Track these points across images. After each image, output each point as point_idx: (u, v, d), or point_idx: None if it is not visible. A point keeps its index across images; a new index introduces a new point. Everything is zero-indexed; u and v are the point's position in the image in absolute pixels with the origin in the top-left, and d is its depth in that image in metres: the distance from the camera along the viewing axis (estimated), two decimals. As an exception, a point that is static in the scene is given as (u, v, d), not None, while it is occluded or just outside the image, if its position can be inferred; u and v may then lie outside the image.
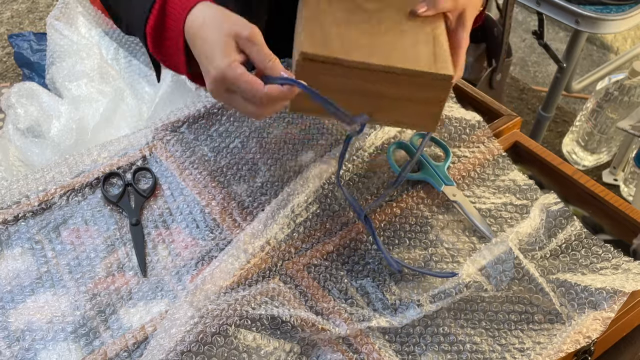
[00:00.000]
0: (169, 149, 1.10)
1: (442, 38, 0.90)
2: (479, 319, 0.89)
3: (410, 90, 0.85)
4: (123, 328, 0.90)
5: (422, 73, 0.83)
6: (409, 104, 0.86)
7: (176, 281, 0.94)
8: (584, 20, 1.74)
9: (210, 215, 1.01)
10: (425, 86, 0.84)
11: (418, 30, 0.89)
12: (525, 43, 3.11)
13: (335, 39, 0.83)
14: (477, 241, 0.99)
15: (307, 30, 0.83)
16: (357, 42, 0.84)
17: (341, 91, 0.83)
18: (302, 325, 0.87)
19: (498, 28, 2.14)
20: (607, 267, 0.93)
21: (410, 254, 0.97)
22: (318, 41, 0.82)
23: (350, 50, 0.82)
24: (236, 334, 0.85)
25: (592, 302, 0.88)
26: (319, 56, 0.80)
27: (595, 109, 2.17)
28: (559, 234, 0.97)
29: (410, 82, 0.84)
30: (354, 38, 0.84)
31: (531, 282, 0.90)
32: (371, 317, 0.88)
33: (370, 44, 0.84)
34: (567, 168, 1.08)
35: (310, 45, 0.80)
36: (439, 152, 1.11)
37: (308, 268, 0.95)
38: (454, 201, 1.03)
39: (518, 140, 1.13)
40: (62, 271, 0.96)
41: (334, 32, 0.84)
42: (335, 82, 0.83)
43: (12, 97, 1.66)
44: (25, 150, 1.58)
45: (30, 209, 1.03)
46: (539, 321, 0.89)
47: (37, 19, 3.21)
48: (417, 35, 0.88)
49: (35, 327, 0.90)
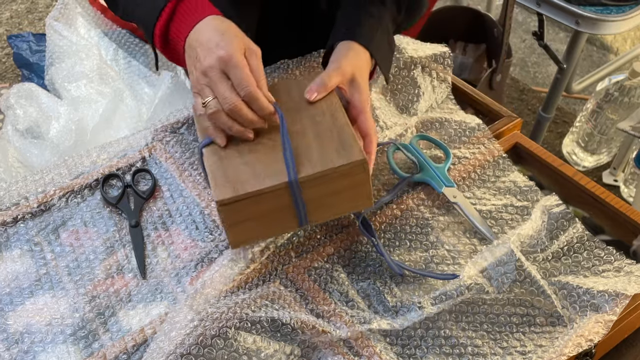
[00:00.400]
0: (168, 150, 1.10)
1: (340, 116, 0.94)
2: (481, 321, 0.89)
3: (332, 186, 0.89)
4: (122, 330, 0.89)
5: (334, 169, 0.88)
6: (338, 195, 0.90)
7: (175, 283, 0.94)
8: (584, 21, 1.74)
9: (210, 216, 1.01)
10: (343, 177, 0.89)
11: (317, 124, 0.93)
12: (525, 44, 3.10)
13: (243, 174, 0.88)
14: (478, 243, 0.99)
15: (214, 180, 0.88)
16: (267, 167, 0.89)
17: (272, 211, 0.89)
18: (302, 328, 0.86)
19: (498, 29, 2.13)
20: (610, 270, 0.93)
21: (411, 256, 0.97)
22: (227, 185, 0.87)
23: (263, 177, 0.87)
24: (236, 337, 0.84)
25: (594, 304, 0.88)
26: (231, 198, 0.85)
27: (595, 110, 2.17)
28: (560, 236, 0.96)
29: (327, 180, 0.88)
30: (261, 165, 0.89)
31: (533, 284, 0.90)
32: (372, 319, 0.88)
33: (278, 163, 0.89)
34: (568, 169, 1.08)
35: (221, 193, 0.86)
36: (439, 153, 1.11)
37: (309, 271, 0.94)
38: (455, 203, 1.02)
39: (518, 142, 1.13)
40: (61, 273, 0.96)
41: (240, 169, 0.89)
42: (262, 207, 0.88)
43: (11, 98, 1.66)
44: (24, 151, 1.57)
45: (29, 210, 1.02)
46: (540, 324, 0.88)
47: (37, 20, 3.21)
48: (318, 130, 0.93)
49: (34, 330, 0.89)
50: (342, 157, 0.88)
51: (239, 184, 0.86)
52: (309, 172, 0.87)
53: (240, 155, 0.91)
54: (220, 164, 0.90)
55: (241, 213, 0.87)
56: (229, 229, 0.89)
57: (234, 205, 0.86)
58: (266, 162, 0.89)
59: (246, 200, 0.86)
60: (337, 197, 0.91)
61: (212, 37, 0.89)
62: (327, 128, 0.92)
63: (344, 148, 0.89)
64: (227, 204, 0.85)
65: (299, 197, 0.88)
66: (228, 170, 0.89)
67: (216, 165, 0.90)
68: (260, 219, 0.89)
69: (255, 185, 0.86)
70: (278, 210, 0.89)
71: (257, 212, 0.88)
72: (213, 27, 0.90)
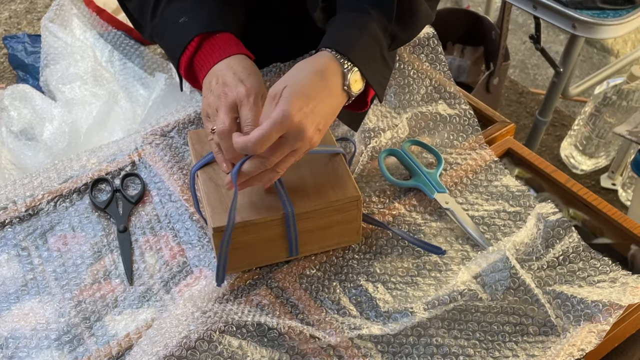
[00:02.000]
0: (158, 154, 1.09)
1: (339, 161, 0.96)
2: (473, 329, 0.88)
3: (325, 220, 0.92)
4: (108, 335, 0.89)
5: (329, 204, 0.91)
6: (329, 230, 0.93)
7: (163, 290, 0.93)
8: (581, 25, 1.73)
9: (199, 222, 1.00)
10: (337, 212, 0.92)
11: (312, 159, 0.96)
12: (525, 45, 3.09)
13: (239, 203, 0.89)
14: (470, 249, 0.98)
15: (211, 207, 0.90)
16: (262, 197, 0.91)
17: (264, 241, 0.91)
18: (289, 333, 0.86)
19: (496, 31, 2.13)
20: (605, 280, 0.92)
21: (403, 263, 0.96)
22: (224, 213, 0.88)
23: (259, 207, 0.89)
24: (220, 340, 0.84)
25: (587, 314, 0.87)
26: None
27: (593, 113, 2.16)
28: (556, 245, 0.95)
29: (321, 214, 0.91)
30: (256, 195, 0.91)
31: (527, 292, 0.89)
32: (363, 325, 0.87)
33: (274, 194, 0.91)
34: (560, 176, 1.07)
35: (217, 220, 0.87)
36: (430, 158, 1.10)
37: (300, 278, 0.94)
38: (447, 209, 1.01)
39: (511, 148, 1.12)
40: (48, 278, 0.95)
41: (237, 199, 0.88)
42: (255, 237, 0.90)
43: (6, 100, 1.65)
44: (18, 153, 1.57)
45: (17, 214, 1.02)
46: (533, 333, 0.87)
47: (35, 20, 3.20)
48: (313, 165, 0.95)
49: (19, 335, 0.89)
50: (338, 193, 0.91)
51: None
52: (305, 206, 0.90)
53: None
54: (217, 191, 0.92)
55: (235, 241, 0.88)
56: None
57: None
58: (261, 192, 0.91)
59: (241, 229, 0.88)
60: (327, 231, 0.93)
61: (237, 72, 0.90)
62: (322, 163, 0.95)
63: (338, 184, 0.92)
64: (223, 231, 0.87)
65: (294, 229, 0.90)
66: (224, 197, 0.90)
67: (213, 193, 0.91)
68: (252, 248, 0.91)
69: (251, 215, 0.88)
70: (270, 240, 0.91)
71: (249, 241, 0.90)
72: (235, 65, 0.92)
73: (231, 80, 0.90)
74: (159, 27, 1.02)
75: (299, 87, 0.84)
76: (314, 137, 0.85)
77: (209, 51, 0.96)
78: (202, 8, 0.99)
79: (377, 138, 1.10)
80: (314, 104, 0.84)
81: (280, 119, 0.81)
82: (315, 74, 0.86)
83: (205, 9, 0.99)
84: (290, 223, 0.89)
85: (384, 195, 1.04)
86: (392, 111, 1.16)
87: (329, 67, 0.87)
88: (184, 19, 0.98)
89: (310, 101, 0.84)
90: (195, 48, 0.96)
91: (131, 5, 1.08)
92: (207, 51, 0.96)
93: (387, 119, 1.15)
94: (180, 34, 0.98)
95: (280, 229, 0.90)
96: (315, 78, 0.86)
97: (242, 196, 0.90)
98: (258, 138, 0.80)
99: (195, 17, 0.98)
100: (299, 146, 0.84)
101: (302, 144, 0.84)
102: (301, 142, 0.83)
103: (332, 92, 0.87)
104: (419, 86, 1.18)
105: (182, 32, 0.97)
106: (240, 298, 0.91)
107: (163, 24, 1.01)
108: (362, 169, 1.07)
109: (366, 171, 1.08)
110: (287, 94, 0.83)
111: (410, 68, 1.18)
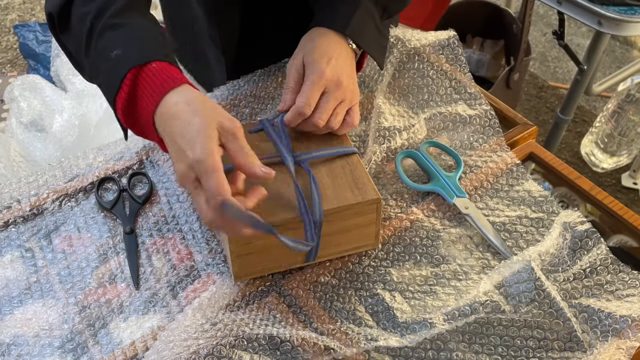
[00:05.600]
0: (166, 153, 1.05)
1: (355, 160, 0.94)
2: (495, 344, 0.84)
3: (344, 223, 0.89)
4: (113, 343, 0.86)
5: (348, 206, 0.88)
6: (347, 233, 0.90)
7: (170, 295, 0.90)
8: (607, 21, 1.67)
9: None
10: (356, 215, 0.89)
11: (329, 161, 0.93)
12: (546, 37, 3.03)
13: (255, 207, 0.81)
14: (491, 257, 0.94)
15: None
16: (277, 201, 0.87)
17: (282, 245, 0.82)
18: (302, 345, 0.82)
19: (517, 25, 2.07)
20: (634, 295, 0.87)
21: (421, 271, 0.92)
22: None
23: (276, 211, 0.86)
24: (231, 355, 0.80)
25: (615, 329, 0.83)
26: None
27: (616, 111, 2.10)
28: (584, 257, 0.91)
29: (340, 217, 0.88)
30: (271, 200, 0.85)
31: (552, 305, 0.85)
32: (380, 336, 0.84)
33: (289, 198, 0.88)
34: (585, 183, 1.03)
35: None
36: (449, 161, 1.06)
37: (314, 287, 0.90)
38: (467, 214, 0.97)
39: (533, 152, 1.08)
40: (52, 281, 0.92)
41: None
42: (273, 241, 0.82)
43: (16, 90, 1.62)
44: (27, 144, 1.54)
45: (21, 214, 0.99)
46: (558, 349, 0.83)
47: (49, 6, 3.18)
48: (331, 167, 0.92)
49: (21, 341, 0.86)
50: (357, 195, 0.88)
51: None
52: (324, 207, 0.86)
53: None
54: None
55: (251, 245, 0.86)
56: (236, 259, 0.87)
57: None
58: (279, 196, 0.88)
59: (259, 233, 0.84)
60: (345, 235, 0.90)
61: (180, 126, 0.78)
62: (339, 164, 0.93)
63: (357, 186, 0.89)
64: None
65: (314, 231, 0.86)
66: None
67: None
68: (268, 253, 0.88)
69: (268, 218, 0.83)
70: None
71: (266, 245, 0.87)
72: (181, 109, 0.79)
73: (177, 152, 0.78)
74: (95, 63, 0.88)
75: (317, 50, 0.95)
76: (350, 84, 0.95)
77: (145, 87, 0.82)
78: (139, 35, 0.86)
79: (393, 138, 1.06)
80: (335, 58, 0.95)
81: (316, 78, 0.92)
82: (325, 37, 0.97)
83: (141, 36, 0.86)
84: (311, 225, 0.86)
85: (402, 199, 1.01)
86: (410, 111, 1.12)
87: (336, 36, 0.98)
88: (117, 51, 0.84)
89: (332, 56, 0.95)
90: (130, 88, 0.82)
91: (66, 39, 0.94)
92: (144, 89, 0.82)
93: (403, 119, 1.11)
94: (112, 71, 0.83)
95: (300, 232, 0.86)
96: (327, 40, 0.97)
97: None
98: (305, 101, 0.91)
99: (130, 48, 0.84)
100: (341, 95, 0.94)
101: (342, 92, 0.94)
102: (341, 90, 0.94)
103: (344, 48, 0.98)
104: (438, 87, 1.13)
105: (114, 68, 0.83)
106: (251, 305, 0.88)
107: (96, 60, 0.87)
108: (378, 172, 1.03)
109: (382, 174, 1.04)
110: (310, 58, 0.94)
111: (429, 68, 1.14)
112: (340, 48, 0.97)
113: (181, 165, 0.77)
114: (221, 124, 0.78)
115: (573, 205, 1.04)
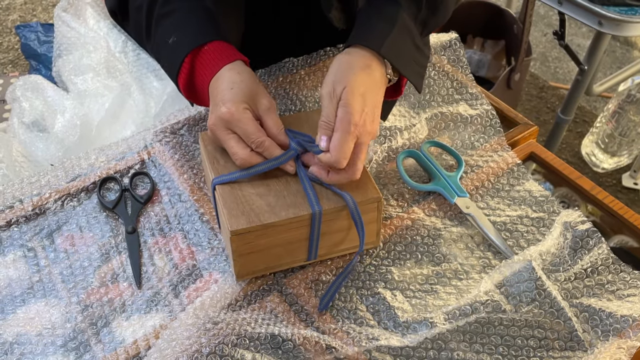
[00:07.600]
0: (167, 152, 1.06)
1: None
2: (496, 343, 0.85)
3: (345, 222, 0.89)
4: (115, 342, 0.86)
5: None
6: (348, 231, 0.91)
7: (172, 294, 0.90)
8: (608, 21, 1.67)
9: (209, 223, 0.97)
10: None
11: None
12: (546, 38, 3.03)
13: (256, 206, 0.87)
14: (492, 257, 0.94)
15: (228, 210, 0.86)
16: (280, 200, 0.88)
17: (283, 244, 0.88)
18: (304, 344, 0.82)
19: (518, 25, 2.07)
20: (636, 295, 0.88)
21: (422, 270, 0.93)
22: (241, 216, 0.86)
23: (279, 209, 0.87)
24: (233, 354, 0.80)
25: (616, 329, 0.83)
26: (246, 229, 0.85)
27: (616, 111, 2.10)
28: (584, 256, 0.91)
29: (342, 216, 0.88)
30: (274, 198, 0.88)
31: (553, 305, 0.85)
32: (381, 335, 0.84)
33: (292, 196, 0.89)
34: (585, 183, 1.03)
35: (235, 223, 0.85)
36: (450, 160, 1.06)
37: (315, 285, 0.90)
38: (468, 214, 0.98)
39: (534, 152, 1.08)
40: (54, 280, 0.92)
41: (254, 200, 0.88)
42: (274, 240, 0.87)
43: (17, 90, 1.63)
44: (29, 145, 1.55)
45: (23, 214, 0.99)
46: (559, 348, 0.84)
47: (50, 6, 3.18)
48: None
49: (24, 340, 0.86)
50: (357, 194, 0.88)
51: (253, 214, 0.86)
52: (327, 206, 0.87)
53: (253, 187, 0.89)
54: (232, 194, 0.88)
55: (252, 244, 0.86)
56: (237, 259, 0.87)
57: (247, 236, 0.85)
58: (279, 195, 0.88)
59: (259, 232, 0.85)
60: (347, 233, 0.91)
61: (221, 91, 0.89)
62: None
63: (357, 185, 0.89)
64: (241, 234, 0.85)
65: (317, 230, 0.87)
66: (241, 201, 0.88)
67: (228, 196, 0.88)
68: (270, 251, 0.88)
69: (270, 217, 0.85)
70: (290, 243, 0.88)
71: (268, 244, 0.87)
72: (226, 79, 0.90)
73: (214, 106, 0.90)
74: (156, 49, 0.99)
75: (354, 88, 0.87)
76: (374, 129, 0.90)
77: (201, 69, 0.93)
78: (189, 21, 0.96)
79: (394, 138, 1.07)
80: (369, 101, 0.88)
81: (351, 129, 0.85)
82: (364, 70, 0.89)
83: (192, 21, 0.96)
84: (316, 223, 0.87)
85: (403, 199, 1.01)
86: (411, 111, 1.13)
87: (373, 61, 0.91)
88: (173, 38, 0.95)
89: (367, 100, 0.88)
90: (189, 69, 0.94)
91: (129, 28, 1.06)
92: (200, 69, 0.93)
93: (405, 119, 1.11)
94: (171, 56, 0.95)
95: (302, 230, 0.87)
96: (364, 75, 0.89)
97: (259, 199, 0.87)
98: (340, 153, 0.85)
99: (184, 34, 0.95)
100: (367, 140, 0.90)
101: (369, 138, 0.90)
102: (369, 138, 0.89)
103: (379, 84, 0.91)
104: (440, 87, 1.14)
105: (173, 53, 0.94)
106: (253, 304, 0.88)
107: (157, 46, 0.98)
108: (379, 171, 1.04)
109: (384, 173, 1.04)
110: (346, 98, 0.86)
111: (431, 69, 1.15)
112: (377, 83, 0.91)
113: (212, 116, 0.89)
114: (259, 98, 0.90)
115: (574, 205, 1.04)
